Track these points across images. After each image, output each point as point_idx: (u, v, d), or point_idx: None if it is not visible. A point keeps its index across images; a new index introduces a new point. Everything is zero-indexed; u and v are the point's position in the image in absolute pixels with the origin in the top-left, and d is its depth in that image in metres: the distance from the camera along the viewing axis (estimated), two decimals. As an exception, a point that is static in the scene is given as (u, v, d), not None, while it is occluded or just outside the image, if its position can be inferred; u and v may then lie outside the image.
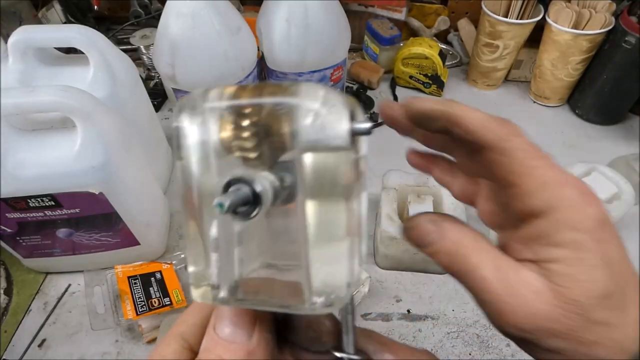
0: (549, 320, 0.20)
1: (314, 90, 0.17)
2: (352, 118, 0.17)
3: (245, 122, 0.17)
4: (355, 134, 0.17)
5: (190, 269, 0.20)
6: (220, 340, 0.19)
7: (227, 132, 0.18)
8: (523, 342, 0.22)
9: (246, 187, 0.16)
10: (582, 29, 0.75)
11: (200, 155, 0.18)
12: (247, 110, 0.17)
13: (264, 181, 0.16)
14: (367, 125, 0.17)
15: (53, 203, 0.49)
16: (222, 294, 0.19)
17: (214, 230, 0.18)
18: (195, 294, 0.20)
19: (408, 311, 0.58)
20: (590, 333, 0.20)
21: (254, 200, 0.16)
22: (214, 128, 0.18)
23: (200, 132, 0.18)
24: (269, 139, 0.17)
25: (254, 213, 0.16)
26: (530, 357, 0.22)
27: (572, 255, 0.20)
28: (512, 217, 0.22)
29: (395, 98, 0.89)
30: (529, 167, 0.21)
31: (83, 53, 0.53)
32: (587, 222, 0.20)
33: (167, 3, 0.57)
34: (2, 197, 0.47)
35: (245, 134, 0.17)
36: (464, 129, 0.22)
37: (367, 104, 0.87)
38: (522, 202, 0.21)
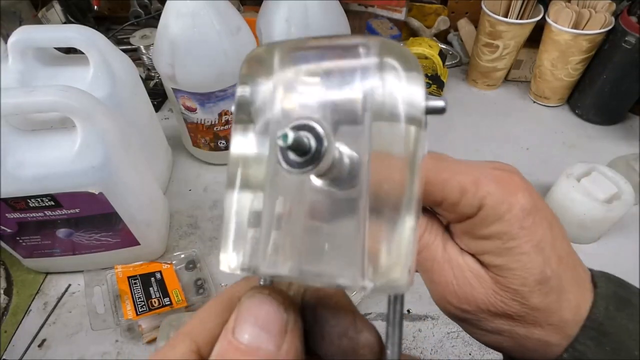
0: (488, 304, 0.21)
1: (389, 46, 0.15)
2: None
3: (313, 80, 0.16)
4: (428, 112, 0.16)
5: (222, 254, 0.17)
6: (240, 345, 0.15)
7: (292, 100, 0.16)
8: (464, 322, 0.23)
9: (310, 138, 0.14)
10: (582, 29, 0.75)
11: (259, 125, 0.17)
12: (315, 72, 0.16)
13: (331, 139, 0.14)
14: (442, 102, 0.16)
15: (53, 203, 0.49)
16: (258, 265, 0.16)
17: (256, 203, 0.16)
18: (224, 265, 0.16)
19: (408, 311, 0.58)
20: (528, 317, 0.21)
21: (315, 153, 0.14)
22: (278, 96, 0.16)
23: (262, 99, 0.17)
24: (335, 102, 0.15)
25: (310, 168, 0.14)
26: None
27: (501, 245, 0.20)
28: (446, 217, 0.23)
29: (395, 98, 0.89)
30: (442, 182, 0.21)
31: (83, 53, 0.53)
32: (511, 212, 0.20)
33: (167, 3, 0.57)
34: (2, 197, 0.47)
35: (310, 97, 0.16)
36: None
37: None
38: (452, 212, 0.21)
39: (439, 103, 0.16)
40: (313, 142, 0.14)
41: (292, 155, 0.15)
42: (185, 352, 0.16)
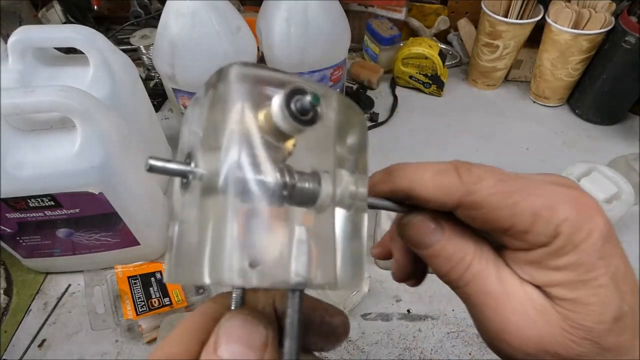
0: (556, 345, 0.18)
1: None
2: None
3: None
4: (294, 116, 0.17)
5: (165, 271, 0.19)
6: None
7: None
8: None
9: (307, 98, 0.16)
10: (582, 29, 0.75)
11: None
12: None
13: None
14: (308, 98, 0.17)
15: (53, 203, 0.49)
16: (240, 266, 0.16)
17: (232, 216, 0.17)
18: (166, 277, 0.19)
19: (408, 311, 0.58)
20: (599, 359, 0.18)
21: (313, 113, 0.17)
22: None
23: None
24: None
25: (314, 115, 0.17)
26: None
27: (576, 277, 0.18)
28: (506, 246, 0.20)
29: (395, 98, 0.89)
30: (510, 206, 0.18)
31: (83, 53, 0.53)
32: (589, 239, 0.17)
33: (167, 3, 0.57)
34: (2, 197, 0.47)
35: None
36: (422, 201, 0.20)
37: (366, 104, 0.87)
38: (520, 240, 0.19)
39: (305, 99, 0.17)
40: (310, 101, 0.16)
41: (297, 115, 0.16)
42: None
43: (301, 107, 0.16)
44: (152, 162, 0.17)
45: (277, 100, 0.16)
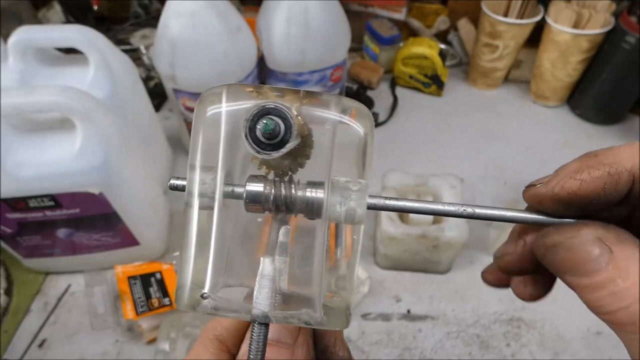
0: None
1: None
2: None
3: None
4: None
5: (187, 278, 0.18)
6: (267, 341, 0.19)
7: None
8: None
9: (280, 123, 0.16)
10: (582, 29, 0.75)
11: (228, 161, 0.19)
12: None
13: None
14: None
15: (53, 203, 0.49)
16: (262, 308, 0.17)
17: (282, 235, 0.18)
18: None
19: (408, 311, 0.58)
20: None
21: (284, 135, 0.16)
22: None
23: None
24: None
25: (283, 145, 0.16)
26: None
27: None
28: None
29: (395, 98, 0.89)
30: None
31: (83, 53, 0.53)
32: None
33: (167, 3, 0.57)
34: (2, 197, 0.47)
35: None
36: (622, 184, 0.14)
37: (366, 104, 0.87)
38: None
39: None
40: (281, 126, 0.16)
41: (262, 139, 0.16)
42: (216, 352, 0.20)
43: (262, 134, 0.16)
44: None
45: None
